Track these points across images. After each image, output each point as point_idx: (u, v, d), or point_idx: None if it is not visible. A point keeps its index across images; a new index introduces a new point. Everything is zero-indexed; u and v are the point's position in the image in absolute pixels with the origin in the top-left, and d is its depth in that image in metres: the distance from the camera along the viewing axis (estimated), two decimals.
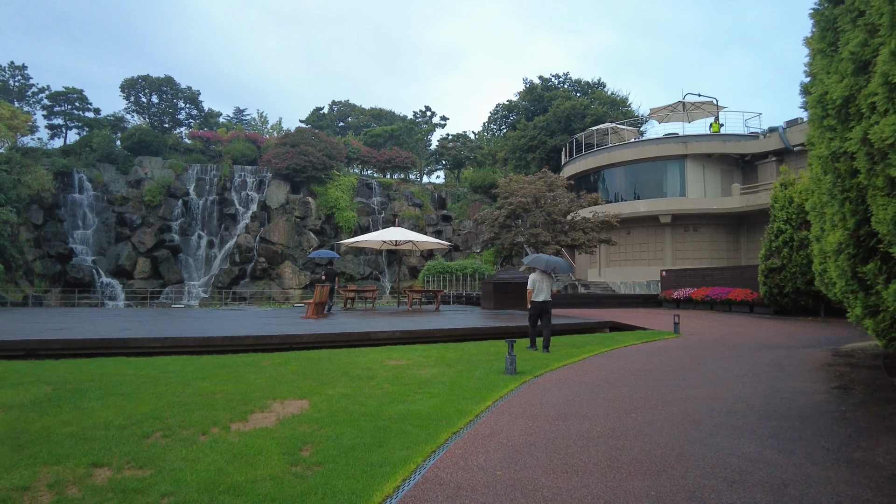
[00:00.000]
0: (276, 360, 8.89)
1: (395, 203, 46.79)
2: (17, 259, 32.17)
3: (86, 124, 46.31)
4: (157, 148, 44.61)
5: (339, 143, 47.31)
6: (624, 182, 33.47)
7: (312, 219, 44.25)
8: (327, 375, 7.61)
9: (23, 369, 7.90)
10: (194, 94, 50.53)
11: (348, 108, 71.31)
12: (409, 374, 7.83)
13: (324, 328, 11.80)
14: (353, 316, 17.17)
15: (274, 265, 41.78)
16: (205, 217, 43.40)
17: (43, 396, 6.17)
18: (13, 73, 45.58)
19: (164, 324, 13.34)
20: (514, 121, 46.74)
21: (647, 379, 7.65)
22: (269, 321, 14.67)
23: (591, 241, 19.17)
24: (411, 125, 56.80)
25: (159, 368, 8.05)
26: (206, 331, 10.97)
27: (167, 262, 39.79)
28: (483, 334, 12.30)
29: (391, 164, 51.52)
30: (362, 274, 43.02)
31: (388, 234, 21.02)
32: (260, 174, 46.07)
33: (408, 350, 10.13)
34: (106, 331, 10.77)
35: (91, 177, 40.98)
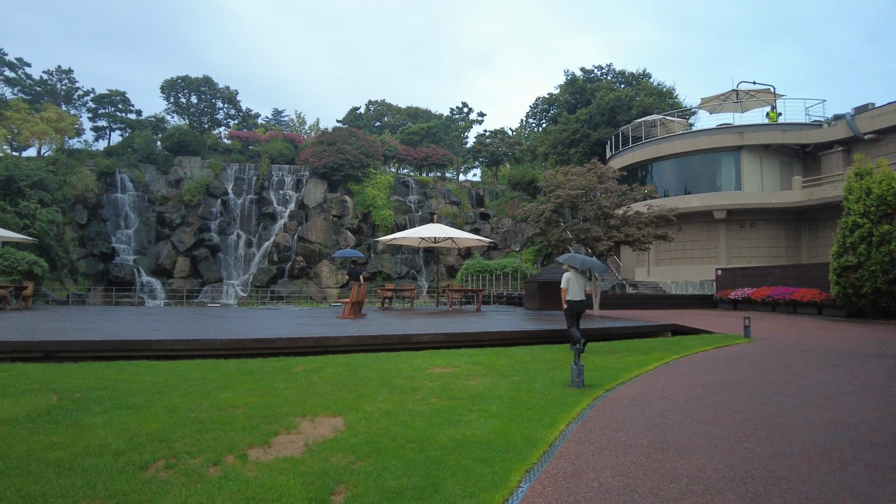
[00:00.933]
0: (309, 366, 7.99)
1: (432, 201, 45.89)
2: (62, 258, 32.54)
3: (128, 126, 46.94)
4: (197, 148, 44.84)
5: (375, 142, 46.70)
6: (674, 176, 31.72)
7: (349, 217, 43.75)
8: (365, 386, 6.65)
9: (35, 374, 7.20)
10: (232, 94, 50.73)
11: (384, 108, 70.85)
12: (459, 385, 6.80)
13: (361, 330, 10.89)
14: (390, 316, 16.26)
15: (311, 264, 41.44)
16: (243, 216, 43.39)
17: (43, 409, 5.38)
18: (60, 78, 46.52)
19: (195, 324, 12.67)
20: (555, 114, 45.23)
21: (741, 394, 6.42)
22: (304, 321, 13.88)
23: (645, 236, 17.75)
24: (448, 122, 55.78)
25: (180, 375, 7.24)
26: (236, 332, 10.19)
27: (206, 261, 39.85)
28: (534, 338, 11.18)
29: (428, 162, 50.67)
30: (399, 273, 42.28)
31: (427, 231, 20.07)
32: (298, 173, 45.85)
33: (453, 356, 9.11)
34: (130, 332, 10.10)
35: (133, 177, 41.41)
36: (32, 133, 38.99)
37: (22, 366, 7.86)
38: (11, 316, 14.60)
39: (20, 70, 44.54)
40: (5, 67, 44.17)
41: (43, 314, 15.66)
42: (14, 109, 39.80)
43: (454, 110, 56.36)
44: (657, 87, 42.08)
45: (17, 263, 26.46)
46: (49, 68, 47.77)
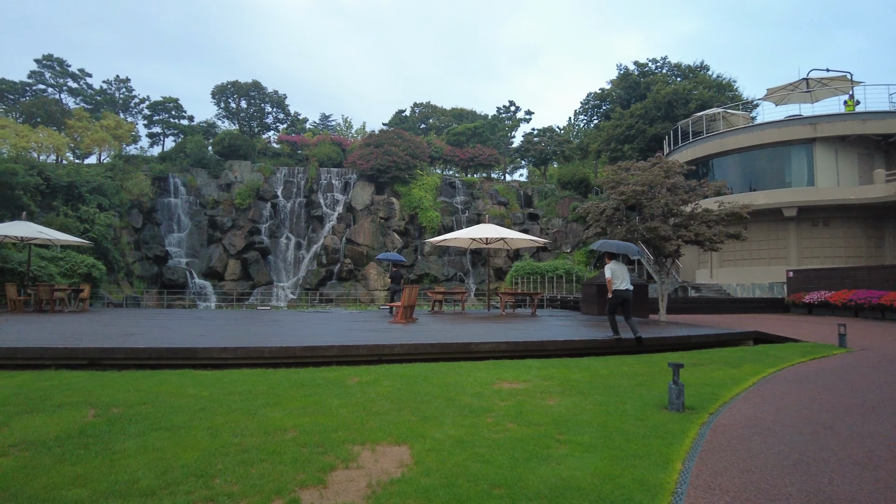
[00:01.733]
0: (364, 378, 7.27)
1: (479, 202, 45.02)
2: (118, 261, 33.32)
3: (181, 131, 48.04)
4: (247, 152, 45.45)
5: (421, 143, 46.24)
6: (737, 172, 29.85)
7: (396, 219, 43.40)
8: (429, 404, 5.86)
9: (76, 384, 6.75)
10: (280, 98, 51.28)
11: (430, 110, 70.52)
12: (535, 405, 5.93)
13: (416, 337, 10.14)
14: (442, 321, 15.49)
15: (359, 266, 41.25)
16: (292, 219, 43.64)
17: (75, 428, 4.82)
18: (118, 87, 48.09)
19: (243, 329, 12.23)
20: (608, 110, 43.67)
21: (882, 421, 5.31)
22: (355, 326, 13.27)
23: (717, 235, 16.40)
24: (495, 121, 54.82)
25: (225, 387, 6.64)
26: (285, 338, 9.61)
27: (256, 263, 40.21)
28: (606, 348, 10.18)
29: (474, 163, 49.83)
30: (446, 275, 41.59)
31: (478, 232, 19.23)
32: (345, 176, 45.86)
33: (520, 368, 8.23)
34: (177, 337, 9.66)
35: (185, 181, 42.24)
36: (93, 140, 40.32)
37: (66, 374, 7.46)
38: (67, 319, 14.59)
39: (82, 80, 46.25)
40: (69, 79, 45.92)
41: (96, 317, 15.64)
42: (76, 118, 41.27)
43: (501, 109, 55.39)
44: (716, 79, 39.99)
45: (77, 266, 27.09)
46: (108, 78, 49.48)
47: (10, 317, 15.30)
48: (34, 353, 7.96)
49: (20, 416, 5.25)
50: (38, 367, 7.90)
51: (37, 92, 44.61)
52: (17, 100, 43.42)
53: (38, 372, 7.63)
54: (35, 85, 45.01)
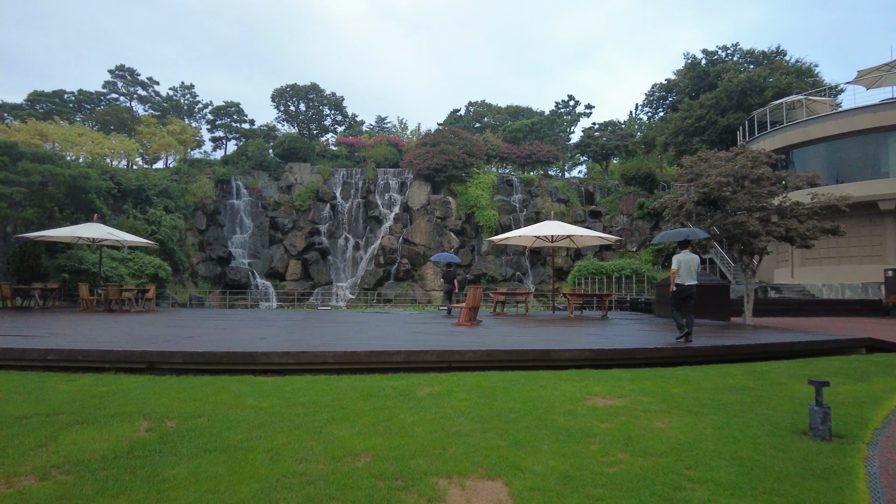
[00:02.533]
0: (436, 388, 6.55)
1: (538, 199, 43.77)
2: (183, 262, 34.16)
3: (242, 135, 49.11)
4: (306, 154, 45.96)
5: (478, 141, 45.43)
6: (822, 162, 27.49)
7: (453, 219, 42.76)
8: (516, 424, 5.06)
9: (132, 390, 6.34)
10: (338, 100, 51.64)
11: (485, 108, 69.62)
12: (642, 427, 5.02)
13: (487, 342, 9.36)
14: (508, 323, 14.65)
15: (416, 266, 40.87)
16: (351, 220, 43.76)
17: (124, 446, 4.29)
18: (183, 93, 49.70)
19: (305, 331, 11.78)
20: (674, 101, 41.54)
21: None
22: (418, 328, 12.61)
23: (810, 230, 14.82)
24: (553, 117, 53.35)
25: (287, 397, 6.06)
26: (349, 343, 9.02)
27: (316, 264, 40.49)
28: (701, 356, 9.07)
29: (532, 160, 48.53)
30: (504, 275, 40.59)
31: (542, 229, 18.24)
32: (402, 176, 45.65)
33: (609, 379, 7.30)
34: (238, 340, 9.24)
35: (247, 183, 43.05)
36: (160, 145, 41.71)
37: (124, 378, 7.10)
38: (132, 318, 14.65)
39: (150, 88, 48.05)
40: (139, 87, 47.81)
41: (160, 317, 15.68)
42: (145, 124, 42.83)
43: (559, 104, 53.88)
44: (794, 64, 37.26)
45: (145, 267, 27.81)
46: (174, 85, 51.29)
47: (81, 316, 15.54)
48: (94, 356, 7.67)
49: (71, 429, 4.80)
50: (98, 370, 7.60)
51: (110, 101, 46.73)
52: (93, 109, 45.58)
53: (97, 375, 7.32)
54: (108, 94, 47.17)
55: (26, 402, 5.80)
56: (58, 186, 22.37)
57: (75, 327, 11.74)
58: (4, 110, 42.20)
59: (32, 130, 34.20)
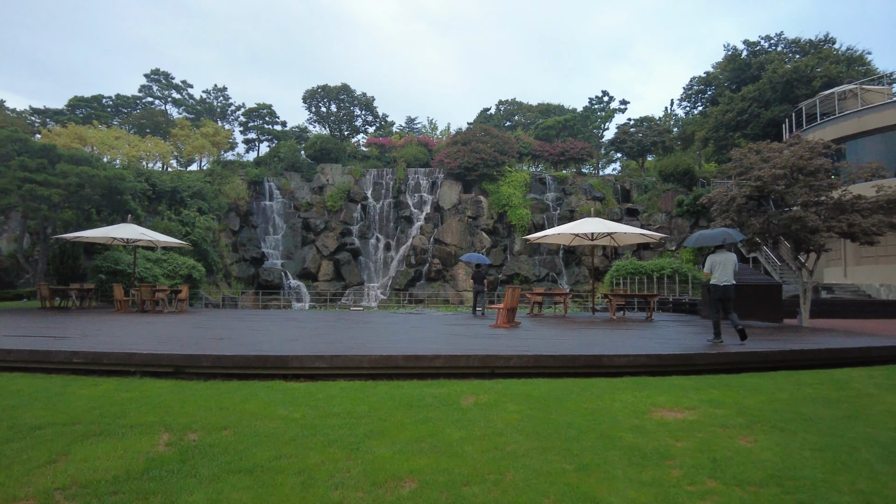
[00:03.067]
0: (481, 397, 5.96)
1: (572, 198, 42.74)
2: (217, 263, 34.33)
3: (274, 136, 49.36)
4: (337, 155, 45.92)
5: (510, 138, 44.65)
6: (879, 154, 25.82)
7: (484, 218, 42.08)
8: (579, 442, 4.43)
9: (156, 396, 5.92)
10: (369, 100, 51.48)
11: (515, 107, 68.76)
12: (726, 447, 4.34)
13: (531, 346, 8.73)
14: (547, 325, 13.96)
15: (448, 266, 40.35)
16: (382, 220, 43.53)
17: (140, 464, 3.83)
18: (216, 96, 50.20)
19: (337, 332, 11.32)
20: (714, 95, 40.02)
21: None
22: (455, 330, 12.04)
23: (875, 226, 13.74)
24: (587, 113, 52.16)
25: (319, 406, 5.55)
26: (384, 345, 8.50)
27: (348, 264, 40.34)
28: (767, 362, 8.26)
29: (565, 157, 47.47)
30: (537, 275, 39.72)
31: (582, 226, 17.47)
32: (432, 175, 45.22)
33: (671, 388, 6.60)
34: (267, 343, 8.81)
35: (279, 185, 43.20)
36: (194, 147, 42.16)
37: (149, 383, 6.71)
38: (163, 319, 14.45)
39: (184, 91, 48.67)
40: (173, 90, 48.48)
41: (192, 318, 15.47)
42: (179, 127, 43.37)
43: (593, 100, 52.66)
44: (845, 53, 35.41)
45: (179, 268, 27.94)
46: (207, 88, 51.82)
47: (115, 316, 15.44)
48: (119, 359, 7.32)
49: (85, 441, 4.37)
50: (123, 374, 7.24)
51: (146, 105, 47.51)
52: (130, 113, 46.42)
53: (122, 379, 6.96)
54: (144, 98, 47.98)
55: (45, 409, 5.42)
56: (94, 188, 22.54)
57: (106, 328, 11.53)
58: (47, 116, 43.30)
59: (72, 134, 34.86)
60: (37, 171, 21.53)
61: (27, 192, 21.02)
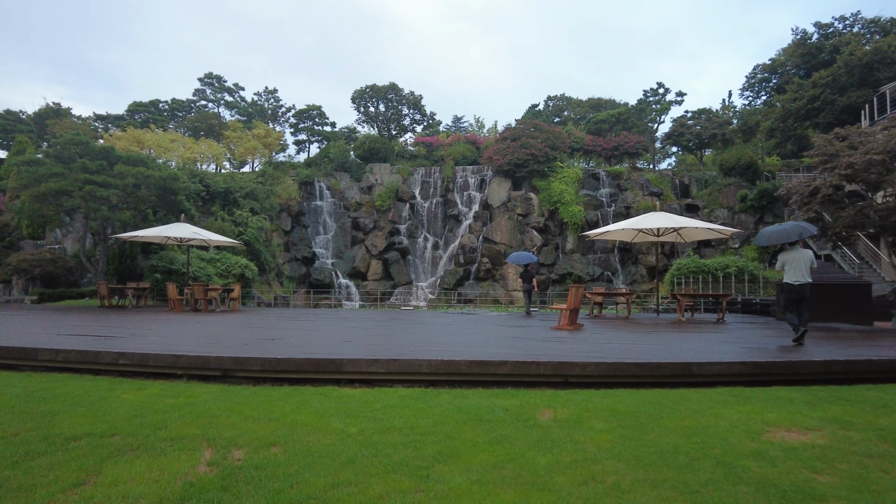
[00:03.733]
0: (560, 412, 5.21)
1: (628, 193, 41.11)
2: (270, 262, 34.62)
3: (324, 137, 49.67)
4: (386, 154, 45.83)
5: (561, 133, 43.43)
6: None
7: (535, 216, 40.98)
8: (694, 471, 3.63)
9: (201, 404, 5.44)
10: (417, 99, 51.15)
11: (564, 102, 67.26)
12: (883, 483, 3.46)
13: (604, 351, 7.91)
14: (611, 327, 13.02)
15: (497, 265, 39.49)
16: (430, 219, 43.11)
17: (175, 493, 3.27)
18: (267, 98, 50.94)
19: (392, 333, 10.76)
20: (780, 83, 37.69)
21: None
22: (513, 332, 11.29)
23: None
24: (641, 106, 50.28)
25: (378, 418, 4.93)
26: (443, 349, 7.85)
27: (397, 263, 40.08)
28: (881, 372, 7.16)
29: (619, 152, 45.79)
30: (591, 274, 38.35)
31: (647, 221, 16.35)
32: (481, 173, 44.46)
33: (778, 402, 5.67)
34: (320, 344, 8.30)
35: (329, 185, 43.39)
36: (246, 149, 42.80)
37: (195, 388, 6.27)
38: (215, 318, 14.28)
39: (236, 94, 49.56)
40: (225, 93, 49.46)
41: (243, 317, 15.27)
42: (231, 129, 44.14)
43: (647, 92, 50.69)
44: None
45: (232, 267, 28.19)
46: (258, 90, 52.64)
47: (167, 315, 15.41)
48: (165, 362, 6.92)
49: (120, 458, 3.88)
50: (170, 377, 6.85)
51: (199, 108, 48.65)
52: (185, 116, 47.64)
53: (167, 383, 6.55)
54: (198, 101, 49.15)
55: (84, 416, 5.01)
56: (149, 188, 22.88)
57: (157, 327, 11.34)
58: (108, 121, 44.93)
59: (131, 138, 35.88)
60: (96, 172, 22.00)
61: (87, 193, 21.49)
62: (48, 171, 21.50)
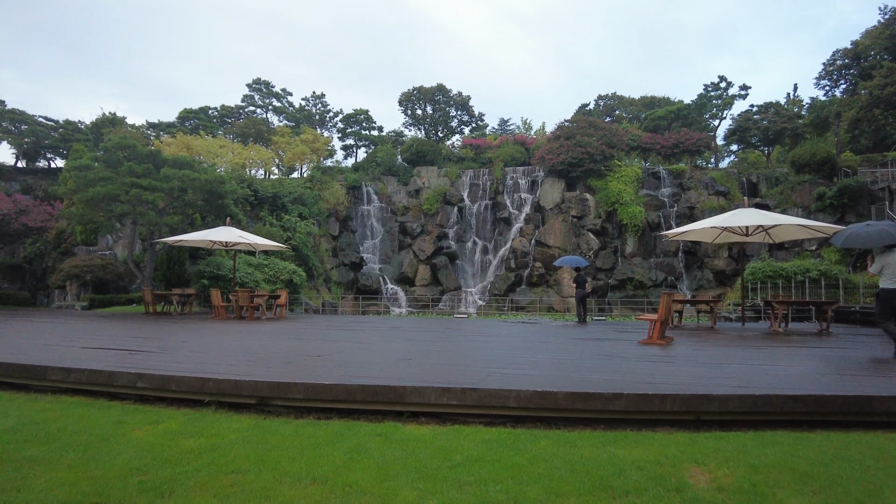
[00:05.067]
0: (720, 473, 3.64)
1: (691, 193, 38.52)
2: (318, 268, 33.89)
3: (371, 142, 48.97)
4: (433, 157, 44.68)
5: (618, 129, 41.24)
6: None
7: (591, 217, 38.89)
8: None
9: (227, 451, 4.12)
10: (465, 100, 49.82)
11: (616, 101, 64.63)
12: None
13: (734, 376, 6.24)
14: (703, 340, 11.23)
15: (551, 270, 37.58)
16: (479, 222, 41.64)
17: None
18: (315, 103, 50.68)
19: (454, 348, 9.33)
20: (865, 68, 34.51)
21: None
22: (597, 348, 9.68)
23: None
24: (702, 101, 47.41)
25: (465, 484, 3.46)
26: (530, 374, 6.34)
27: (445, 268, 38.75)
28: None
29: (679, 149, 43.12)
30: (654, 280, 35.98)
31: (736, 219, 14.39)
32: (532, 174, 42.70)
33: None
34: (375, 364, 6.93)
35: (377, 189, 42.54)
36: (294, 154, 42.45)
37: (222, 422, 4.99)
38: (259, 328, 13.21)
39: (284, 99, 49.47)
40: (273, 98, 49.44)
41: (289, 325, 14.16)
42: (280, 134, 43.92)
43: (709, 86, 47.77)
44: None
45: (280, 273, 27.46)
46: (306, 96, 52.45)
47: (210, 324, 14.47)
48: (190, 386, 5.68)
49: None
50: (195, 403, 5.61)
51: (248, 114, 48.79)
52: (234, 122, 47.84)
53: (191, 413, 5.30)
54: (247, 107, 49.31)
55: (69, 470, 3.75)
56: (196, 192, 22.31)
57: (194, 338, 10.26)
58: (160, 129, 45.48)
59: (181, 144, 35.91)
60: (143, 175, 21.57)
61: (134, 197, 21.05)
62: (96, 175, 21.20)
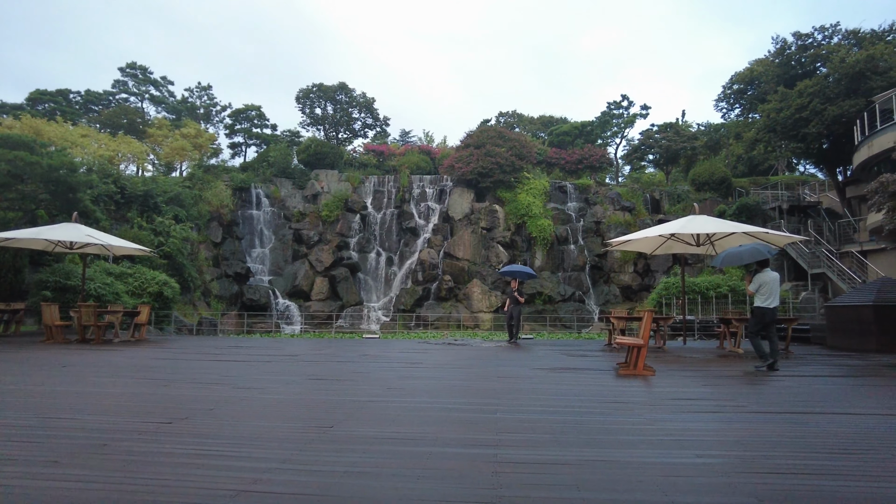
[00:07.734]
0: None
1: (597, 208, 38.37)
2: (195, 279, 29.24)
3: (263, 141, 44.56)
4: (333, 160, 41.26)
5: (528, 141, 40.41)
6: None
7: (500, 230, 37.46)
8: None
9: None
10: (369, 101, 46.83)
11: (516, 118, 64.98)
12: None
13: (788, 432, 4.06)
14: (685, 367, 9.34)
15: (460, 284, 35.53)
16: (383, 232, 38.75)
17: None
18: (200, 95, 45.41)
19: (389, 395, 6.56)
20: (757, 94, 36.13)
21: None
22: (564, 380, 7.36)
23: None
24: (605, 118, 48.17)
25: None
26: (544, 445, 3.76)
27: (345, 281, 35.35)
28: None
29: (582, 165, 43.26)
30: (563, 294, 35.06)
31: (690, 226, 12.90)
32: (440, 183, 40.64)
33: None
34: (266, 450, 4.04)
35: (268, 192, 38.32)
36: (172, 149, 37.25)
37: None
38: (106, 357, 9.56)
39: (163, 88, 43.82)
40: (151, 86, 43.62)
41: (150, 353, 10.56)
42: (157, 127, 38.50)
43: (612, 105, 48.67)
44: None
45: (147, 284, 22.84)
46: (190, 86, 46.95)
47: (36, 352, 10.49)
48: None
49: None
50: None
51: (120, 101, 42.55)
52: (102, 110, 41.45)
53: None
54: (118, 94, 43.00)
55: None
56: (35, 180, 17.60)
57: None
58: (4, 111, 38.09)
59: (27, 127, 29.80)
60: None
61: None
62: None
